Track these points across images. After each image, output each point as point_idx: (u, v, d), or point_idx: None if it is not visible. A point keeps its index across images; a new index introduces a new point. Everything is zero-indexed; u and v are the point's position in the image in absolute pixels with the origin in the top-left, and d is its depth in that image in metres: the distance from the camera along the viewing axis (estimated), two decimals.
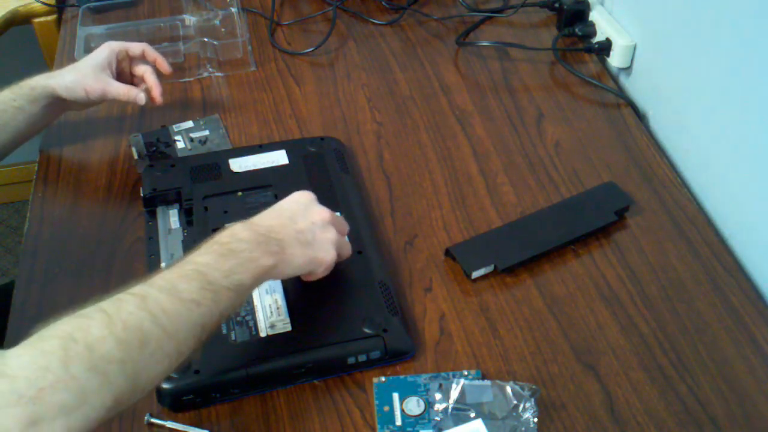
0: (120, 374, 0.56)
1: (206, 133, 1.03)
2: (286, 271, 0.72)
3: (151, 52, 1.00)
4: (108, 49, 0.97)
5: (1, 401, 0.51)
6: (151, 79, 0.98)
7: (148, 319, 0.59)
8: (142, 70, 0.99)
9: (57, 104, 0.95)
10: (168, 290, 0.62)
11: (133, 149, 1.00)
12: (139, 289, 0.62)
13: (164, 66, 1.00)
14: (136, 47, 0.99)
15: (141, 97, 0.95)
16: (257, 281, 0.68)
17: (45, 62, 1.37)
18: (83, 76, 0.94)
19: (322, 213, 0.75)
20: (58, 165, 1.00)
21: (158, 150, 1.00)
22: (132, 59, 1.00)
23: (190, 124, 1.04)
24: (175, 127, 1.04)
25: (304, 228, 0.73)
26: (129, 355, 0.57)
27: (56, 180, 0.98)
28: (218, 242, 0.68)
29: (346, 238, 0.79)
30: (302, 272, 0.74)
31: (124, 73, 1.00)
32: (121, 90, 0.95)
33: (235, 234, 0.69)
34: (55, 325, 0.57)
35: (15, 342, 0.55)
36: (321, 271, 0.75)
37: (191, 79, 1.14)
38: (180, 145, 1.01)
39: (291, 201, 0.76)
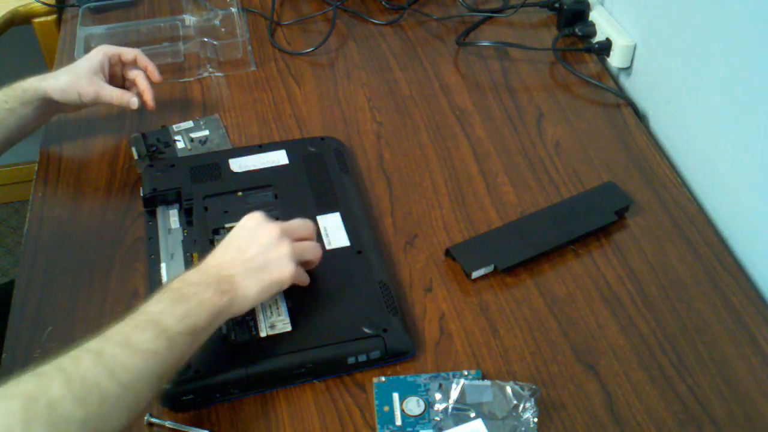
0: None
1: (206, 133, 1.03)
2: (245, 304, 0.71)
3: (143, 59, 1.00)
4: (101, 53, 0.97)
5: None
6: (143, 84, 0.98)
7: (106, 375, 0.59)
8: (134, 74, 0.99)
9: (49, 106, 0.96)
10: (123, 343, 0.62)
11: (133, 149, 1.00)
12: (95, 344, 0.62)
13: (155, 74, 1.01)
14: (128, 53, 0.99)
15: (134, 101, 0.97)
16: (214, 322, 0.68)
17: (45, 62, 1.37)
18: (77, 78, 0.94)
19: (270, 231, 0.73)
20: (58, 165, 1.00)
21: (158, 150, 1.00)
22: (124, 64, 1.00)
23: (190, 124, 1.04)
24: (175, 127, 1.04)
25: (253, 255, 0.72)
26: (88, 413, 0.57)
27: (56, 180, 0.98)
28: (169, 289, 0.68)
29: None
30: (266, 298, 0.73)
31: (116, 77, 1.00)
32: (114, 94, 0.96)
33: (186, 279, 0.69)
34: (16, 383, 0.57)
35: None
36: (289, 285, 0.74)
37: (191, 79, 1.14)
38: (180, 145, 1.01)
39: (238, 230, 0.74)
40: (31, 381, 0.57)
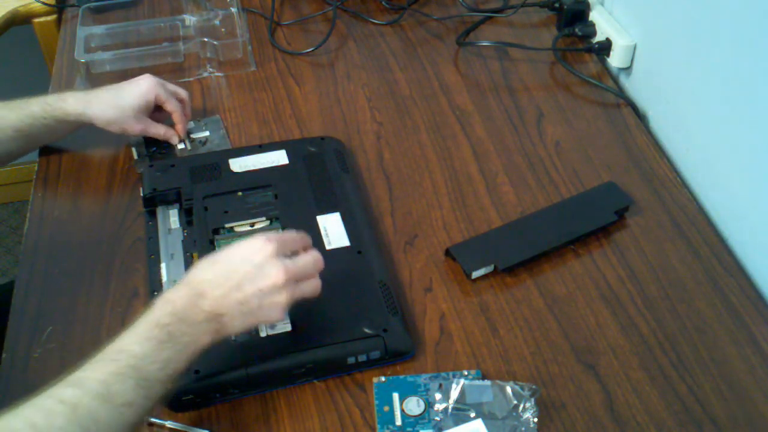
0: None
1: (206, 133, 1.03)
2: (221, 339, 0.68)
3: (182, 94, 1.00)
4: (152, 93, 0.96)
5: None
6: (179, 119, 0.99)
7: None
8: (172, 107, 0.98)
9: (85, 125, 0.96)
10: (101, 395, 0.59)
11: (133, 149, 1.00)
12: (71, 394, 0.59)
13: (188, 109, 1.01)
14: (177, 93, 1.00)
15: (175, 139, 1.00)
16: (191, 360, 0.66)
17: (45, 62, 1.37)
18: (124, 116, 0.95)
19: (276, 278, 0.67)
20: (59, 165, 1.00)
21: (158, 150, 1.00)
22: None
23: (190, 124, 1.04)
24: None
25: (248, 297, 0.67)
26: None
27: (56, 180, 0.98)
28: (158, 324, 0.64)
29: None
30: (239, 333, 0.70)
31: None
32: (159, 131, 0.98)
33: (176, 313, 0.65)
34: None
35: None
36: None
37: (191, 79, 1.14)
38: (180, 145, 1.01)
39: (243, 259, 0.68)
40: None
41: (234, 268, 0.67)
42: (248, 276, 0.67)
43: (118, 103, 0.95)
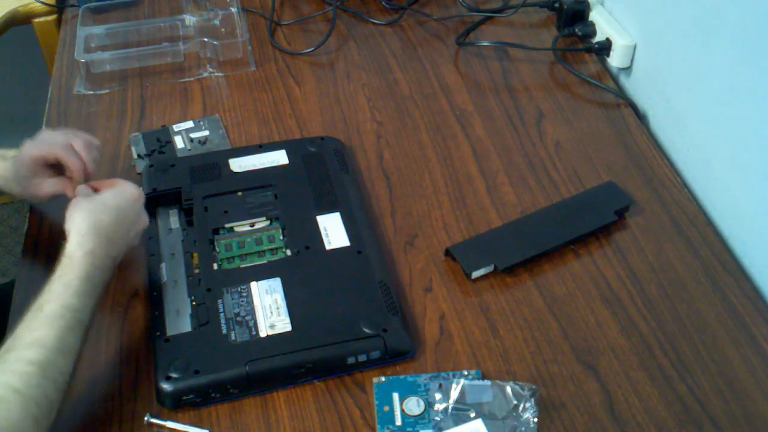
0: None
1: (206, 133, 1.03)
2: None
3: (74, 148, 0.84)
4: (28, 158, 0.83)
5: None
6: (74, 174, 0.84)
7: (52, 386, 0.65)
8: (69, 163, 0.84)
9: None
10: (60, 350, 0.67)
11: (133, 149, 1.00)
12: (36, 354, 0.65)
13: (89, 165, 0.85)
14: (50, 152, 0.84)
15: (81, 188, 0.83)
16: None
17: (45, 62, 1.37)
18: (23, 190, 0.85)
19: (144, 223, 0.82)
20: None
21: (158, 150, 1.00)
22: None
23: (190, 124, 1.04)
24: (175, 127, 1.04)
25: (131, 239, 0.80)
26: (41, 424, 0.63)
27: None
28: (87, 278, 0.72)
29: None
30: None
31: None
32: (59, 186, 0.85)
33: (97, 264, 0.74)
34: None
35: None
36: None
37: (191, 79, 1.14)
38: (180, 145, 1.01)
39: (128, 205, 0.80)
40: None
41: (125, 214, 0.79)
42: (133, 221, 0.80)
43: (15, 175, 0.84)
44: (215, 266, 0.83)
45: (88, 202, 0.78)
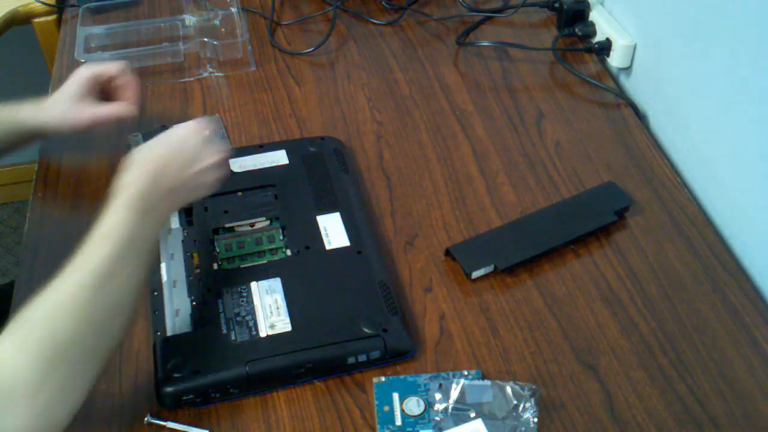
0: (94, 355, 0.65)
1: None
2: (171, 213, 0.80)
3: (127, 72, 0.94)
4: (83, 78, 0.91)
5: (5, 399, 0.59)
6: (130, 95, 0.93)
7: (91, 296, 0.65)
8: (122, 82, 0.94)
9: (43, 137, 0.94)
10: (109, 273, 0.67)
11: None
12: (78, 277, 0.66)
13: (138, 90, 0.94)
14: (111, 67, 0.93)
15: (133, 109, 0.93)
16: (159, 233, 0.75)
17: (45, 62, 1.37)
18: (68, 110, 0.90)
19: (214, 157, 0.77)
20: (58, 165, 1.00)
21: None
22: (109, 79, 0.94)
23: None
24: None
25: (194, 174, 0.75)
26: (95, 332, 0.65)
27: (56, 180, 0.98)
28: (129, 207, 0.70)
29: None
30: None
31: (105, 92, 0.95)
32: (111, 110, 0.92)
33: (142, 195, 0.71)
34: (28, 324, 0.63)
35: None
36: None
37: (191, 79, 1.14)
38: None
39: (185, 139, 0.76)
40: (43, 322, 0.63)
41: (180, 148, 0.75)
42: (193, 155, 0.75)
43: (57, 99, 0.91)
44: (215, 266, 0.83)
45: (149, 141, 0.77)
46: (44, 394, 0.60)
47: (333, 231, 0.86)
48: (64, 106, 0.91)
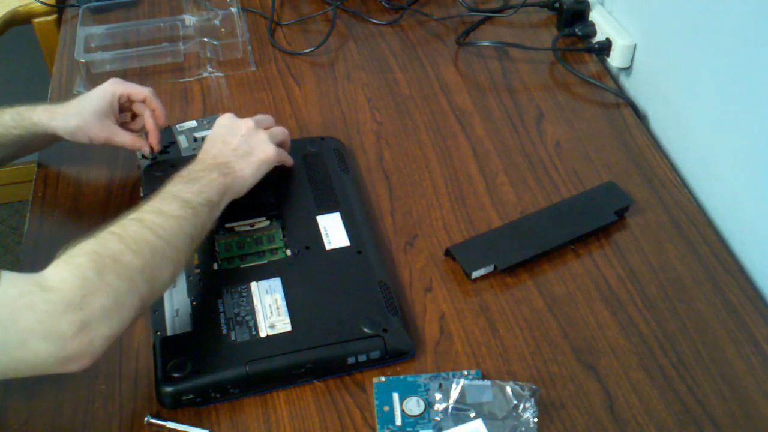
0: (142, 279, 0.67)
1: (207, 133, 1.03)
2: (245, 183, 0.83)
3: (152, 100, 0.94)
4: (110, 93, 0.92)
5: (52, 310, 0.61)
6: (151, 126, 0.94)
7: (151, 233, 0.70)
8: (142, 110, 0.94)
9: (56, 140, 0.93)
10: (157, 212, 0.73)
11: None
12: (134, 215, 0.72)
13: (162, 118, 0.94)
14: (139, 93, 0.94)
15: (146, 149, 0.94)
16: (223, 198, 0.80)
17: (45, 62, 1.37)
18: (87, 124, 0.90)
19: (246, 123, 0.87)
20: (59, 165, 1.00)
21: (163, 149, 1.00)
22: (132, 101, 0.95)
23: (193, 123, 1.04)
24: (179, 127, 1.03)
25: (238, 144, 0.85)
26: (145, 262, 0.68)
27: (56, 180, 0.98)
28: (180, 175, 0.79)
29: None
30: (259, 176, 0.85)
31: (123, 110, 0.96)
32: (126, 139, 0.93)
33: (190, 168, 0.81)
34: (76, 247, 0.67)
35: None
36: (275, 163, 0.87)
37: (191, 79, 1.14)
38: (183, 144, 1.00)
39: (217, 128, 0.87)
40: (90, 242, 0.67)
41: (215, 136, 0.86)
42: (227, 133, 0.86)
43: (79, 110, 0.90)
44: (215, 266, 0.83)
45: None
46: (88, 308, 0.62)
47: (333, 231, 0.86)
48: (82, 119, 0.90)
